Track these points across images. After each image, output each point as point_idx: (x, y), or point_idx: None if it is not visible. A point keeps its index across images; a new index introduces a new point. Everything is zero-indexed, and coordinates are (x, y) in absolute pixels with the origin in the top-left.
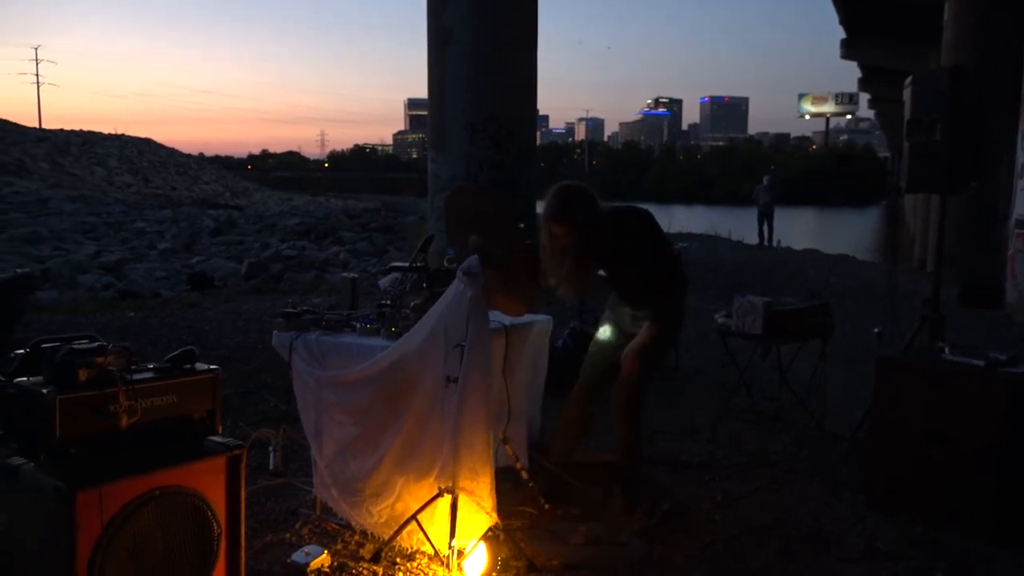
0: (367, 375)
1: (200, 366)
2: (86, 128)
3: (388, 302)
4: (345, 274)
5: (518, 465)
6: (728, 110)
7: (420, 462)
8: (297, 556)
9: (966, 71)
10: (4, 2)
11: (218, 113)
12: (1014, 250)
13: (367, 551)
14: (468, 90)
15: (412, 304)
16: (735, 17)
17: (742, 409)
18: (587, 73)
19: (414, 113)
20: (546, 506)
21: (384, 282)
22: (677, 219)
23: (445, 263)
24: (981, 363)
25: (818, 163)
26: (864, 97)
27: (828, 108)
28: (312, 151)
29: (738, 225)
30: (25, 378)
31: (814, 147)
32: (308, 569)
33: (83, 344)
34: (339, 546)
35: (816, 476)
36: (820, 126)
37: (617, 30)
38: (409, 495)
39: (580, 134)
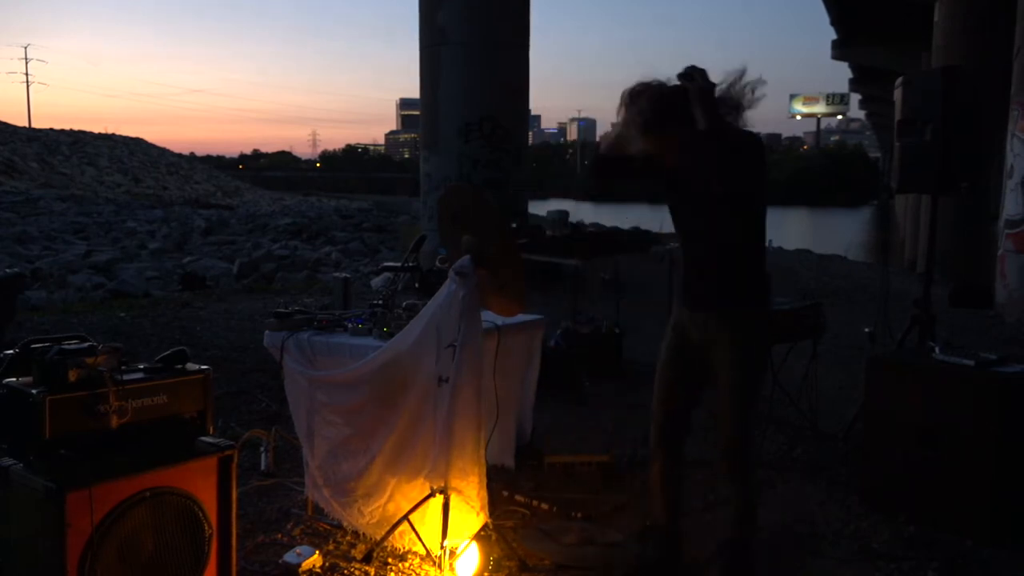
0: (359, 375)
1: (191, 366)
2: (76, 127)
3: (380, 302)
4: (337, 274)
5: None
6: None
7: (412, 462)
8: (289, 557)
9: (961, 71)
10: None
11: (209, 113)
12: (1004, 250)
13: (359, 551)
14: (461, 90)
15: (404, 304)
16: (726, 17)
17: None
18: (579, 73)
19: (406, 113)
20: (543, 506)
21: (376, 282)
22: (670, 220)
23: (438, 263)
24: (971, 363)
25: (810, 163)
26: (855, 98)
27: (819, 108)
28: (304, 151)
29: None
30: (15, 379)
31: (805, 147)
32: (300, 570)
33: (73, 344)
34: (331, 546)
35: (809, 476)
36: (811, 126)
37: (608, 30)
38: (401, 495)
39: (572, 134)
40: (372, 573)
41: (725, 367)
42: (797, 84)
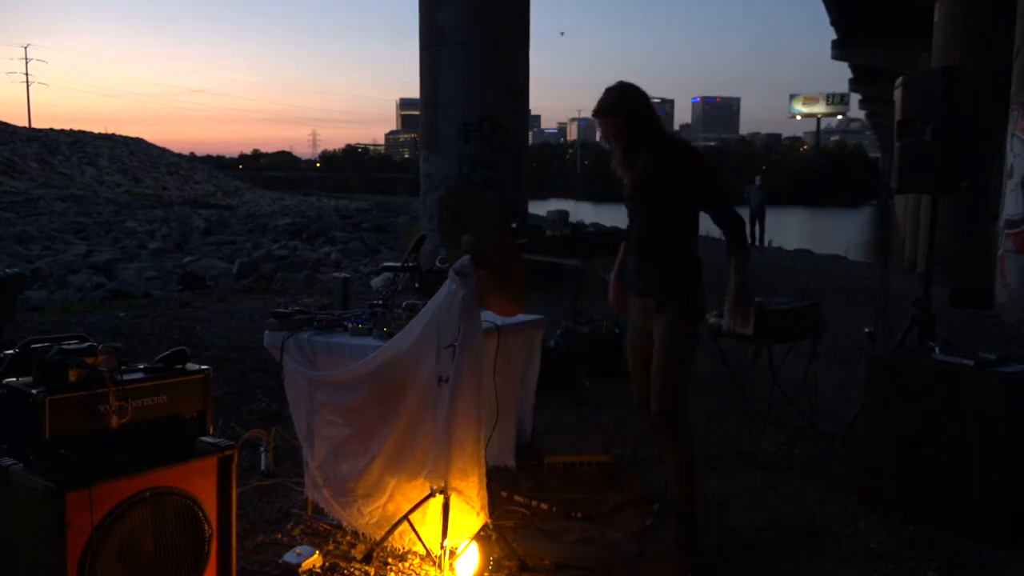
0: (359, 375)
1: (191, 366)
2: (76, 127)
3: (380, 302)
4: (337, 274)
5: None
6: (720, 110)
7: (412, 462)
8: (289, 557)
9: (961, 71)
10: None
11: (209, 113)
12: (1004, 250)
13: (359, 551)
14: (461, 90)
15: (404, 304)
16: (726, 17)
17: (735, 409)
18: (579, 73)
19: (406, 113)
20: (543, 506)
21: (376, 282)
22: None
23: (438, 263)
24: (971, 363)
25: (810, 163)
26: (855, 97)
27: (819, 108)
28: (304, 151)
29: None
30: (15, 379)
31: (805, 147)
32: (300, 570)
33: (73, 344)
34: (331, 546)
35: (809, 476)
36: (811, 126)
37: (607, 30)
38: (401, 495)
39: (572, 134)
40: (372, 573)
41: (657, 341)
42: (797, 84)
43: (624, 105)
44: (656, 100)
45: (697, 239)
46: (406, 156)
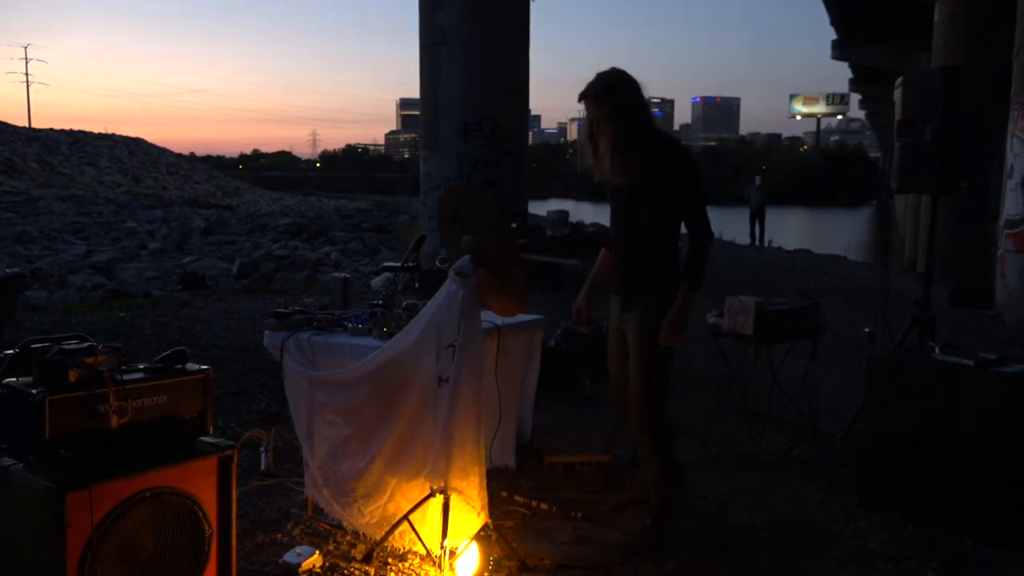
0: (359, 375)
1: (191, 366)
2: (76, 127)
3: (380, 302)
4: (337, 274)
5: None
6: (720, 110)
7: (412, 462)
8: (289, 557)
9: (961, 71)
10: None
11: (209, 113)
12: (1004, 250)
13: (359, 551)
14: (461, 90)
15: (404, 304)
16: (726, 17)
17: (735, 409)
18: (578, 73)
19: (406, 113)
20: (542, 506)
21: (376, 282)
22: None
23: (438, 263)
24: (971, 363)
25: (810, 163)
26: (855, 98)
27: (819, 108)
28: (304, 151)
29: (729, 225)
30: (15, 379)
31: (805, 147)
32: (300, 570)
33: (73, 344)
34: (331, 546)
35: (809, 476)
36: (811, 126)
37: (607, 30)
38: (401, 495)
39: (572, 134)
40: (372, 573)
41: (632, 339)
42: (797, 84)
43: (614, 91)
44: (656, 100)
45: (678, 236)
46: (406, 156)
